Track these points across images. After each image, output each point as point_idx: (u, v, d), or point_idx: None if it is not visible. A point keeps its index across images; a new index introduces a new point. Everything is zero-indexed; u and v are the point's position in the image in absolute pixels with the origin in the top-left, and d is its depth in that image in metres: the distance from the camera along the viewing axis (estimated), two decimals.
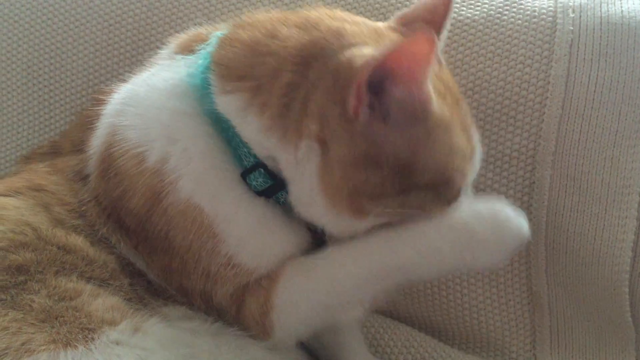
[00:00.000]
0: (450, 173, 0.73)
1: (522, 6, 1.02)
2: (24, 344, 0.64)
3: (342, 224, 0.76)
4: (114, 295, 0.73)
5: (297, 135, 0.72)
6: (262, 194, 0.78)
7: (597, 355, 1.01)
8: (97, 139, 0.82)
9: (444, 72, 0.79)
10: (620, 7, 0.99)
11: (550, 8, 1.01)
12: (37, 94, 1.16)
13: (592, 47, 0.97)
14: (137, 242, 0.79)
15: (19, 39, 1.16)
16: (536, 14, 1.01)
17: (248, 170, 0.76)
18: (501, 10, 1.03)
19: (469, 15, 1.03)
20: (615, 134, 0.95)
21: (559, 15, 1.00)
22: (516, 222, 0.76)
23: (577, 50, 0.97)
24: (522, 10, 1.02)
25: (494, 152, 0.99)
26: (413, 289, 1.04)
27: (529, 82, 0.97)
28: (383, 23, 0.84)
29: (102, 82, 1.12)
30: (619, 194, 0.95)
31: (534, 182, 0.98)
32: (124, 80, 0.86)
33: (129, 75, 0.87)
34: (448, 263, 0.77)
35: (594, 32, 0.97)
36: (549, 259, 1.00)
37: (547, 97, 0.97)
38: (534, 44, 0.99)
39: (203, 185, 0.76)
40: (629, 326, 0.99)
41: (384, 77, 0.67)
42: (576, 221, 0.97)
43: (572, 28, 0.98)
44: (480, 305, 1.02)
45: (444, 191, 0.74)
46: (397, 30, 0.81)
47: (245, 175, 0.77)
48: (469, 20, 1.03)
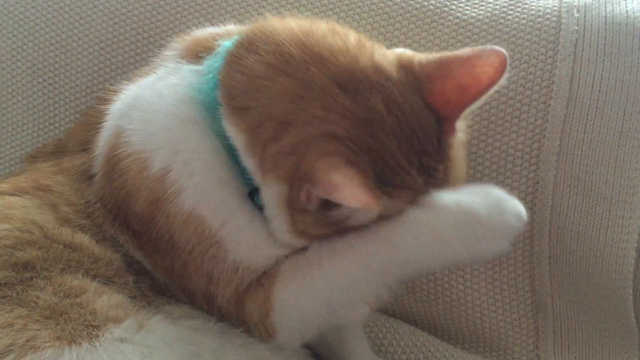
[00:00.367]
0: None
1: (527, 6, 1.02)
2: (28, 340, 0.64)
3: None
4: (118, 293, 0.73)
5: (268, 183, 0.73)
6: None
7: (600, 355, 1.01)
8: (102, 140, 0.82)
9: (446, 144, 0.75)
10: (625, 7, 0.99)
11: (554, 8, 1.01)
12: (42, 93, 1.16)
13: (597, 47, 0.97)
14: (142, 243, 0.80)
15: (24, 37, 1.16)
16: (540, 13, 1.00)
17: (255, 190, 0.76)
18: (505, 9, 1.03)
19: (473, 14, 1.03)
20: (620, 134, 0.95)
21: (563, 15, 0.99)
22: (514, 202, 0.73)
23: (582, 50, 0.97)
24: (526, 10, 1.02)
25: (498, 152, 0.99)
26: (416, 289, 1.04)
27: (533, 81, 0.97)
28: (408, 53, 0.77)
29: (107, 80, 1.13)
30: (624, 194, 0.95)
31: (537, 182, 0.98)
32: (129, 81, 0.86)
33: (133, 74, 0.87)
34: (452, 252, 0.73)
35: (598, 32, 0.97)
36: (553, 259, 0.99)
37: (551, 97, 0.97)
38: (539, 44, 0.99)
39: (206, 199, 0.75)
40: (633, 327, 0.99)
41: (329, 200, 0.69)
42: (580, 221, 0.97)
43: (576, 28, 0.98)
44: (483, 305, 1.02)
45: None
46: (413, 75, 0.74)
47: (253, 195, 0.76)
48: (473, 19, 1.03)
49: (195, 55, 0.82)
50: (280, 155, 0.71)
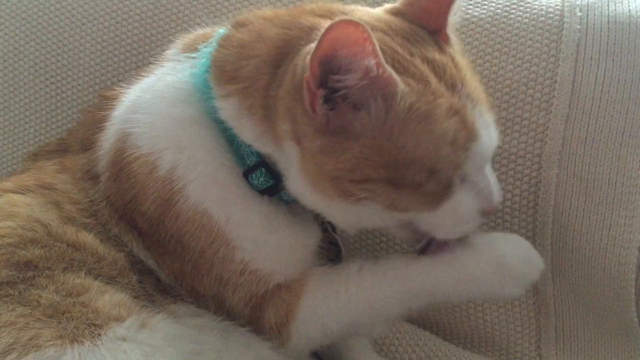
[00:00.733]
0: (434, 164, 0.70)
1: (529, 5, 1.02)
2: (31, 339, 0.64)
3: (340, 209, 0.75)
4: (121, 292, 0.73)
5: (280, 137, 0.73)
6: (264, 193, 0.79)
7: (602, 355, 1.01)
8: (107, 142, 0.82)
9: (444, 53, 0.76)
10: (628, 5, 0.99)
11: (557, 7, 1.00)
12: (44, 92, 1.16)
13: (599, 45, 0.96)
14: (150, 244, 0.80)
15: (26, 36, 1.16)
16: (543, 12, 1.00)
17: (250, 170, 0.77)
18: (508, 9, 1.02)
19: (476, 14, 1.03)
20: (622, 133, 0.95)
21: (566, 14, 0.99)
22: (537, 256, 0.80)
23: (584, 49, 0.97)
24: (529, 9, 1.01)
25: (500, 151, 0.99)
26: None
27: (535, 80, 0.97)
28: (386, 6, 0.82)
29: (109, 79, 1.13)
30: (626, 193, 0.95)
31: (540, 181, 0.98)
32: (131, 81, 0.86)
33: (135, 74, 0.88)
34: (478, 291, 0.79)
35: (601, 31, 0.97)
36: (555, 258, 0.99)
37: (553, 95, 0.96)
38: (541, 43, 0.98)
39: (209, 190, 0.77)
40: (635, 326, 0.99)
41: (330, 72, 0.66)
42: (582, 220, 0.97)
43: (579, 27, 0.98)
44: (485, 305, 1.02)
45: (429, 188, 0.71)
46: (398, 13, 0.79)
47: (247, 174, 0.77)
48: (475, 19, 1.03)
49: (194, 48, 0.84)
50: (284, 88, 0.71)
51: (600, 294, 0.98)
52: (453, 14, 0.79)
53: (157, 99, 0.81)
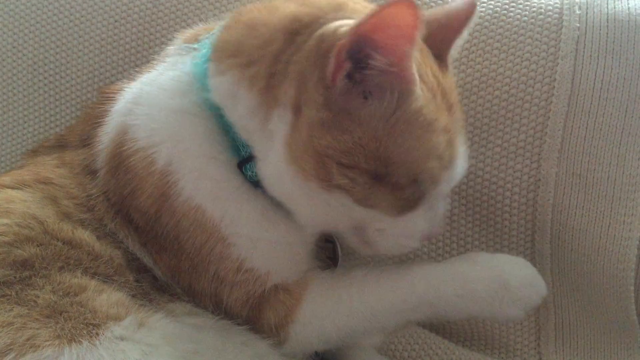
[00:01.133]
0: (417, 174, 0.72)
1: (528, 3, 1.02)
2: (28, 339, 0.64)
3: (308, 195, 0.74)
4: (118, 291, 0.73)
5: (272, 104, 0.72)
6: (259, 185, 0.78)
7: (602, 353, 1.01)
8: (106, 136, 0.82)
9: (446, 77, 0.78)
10: (627, 3, 0.99)
11: (556, 5, 1.00)
12: (43, 90, 1.16)
13: (599, 44, 0.96)
14: (146, 240, 0.80)
15: (24, 34, 1.16)
16: (542, 10, 1.00)
17: (245, 161, 0.77)
18: (507, 7, 1.02)
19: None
20: (622, 131, 0.95)
21: (565, 12, 0.99)
22: (541, 280, 0.81)
23: (584, 47, 0.96)
24: (528, 7, 1.01)
25: (500, 150, 0.99)
26: None
27: (535, 79, 0.97)
28: None
29: (108, 78, 1.13)
30: (625, 191, 0.95)
31: (539, 179, 0.98)
32: (131, 78, 0.86)
33: (136, 71, 0.88)
34: (478, 308, 0.79)
35: (600, 29, 0.97)
36: (554, 256, 0.99)
37: (553, 94, 0.96)
38: (540, 41, 0.98)
39: (202, 185, 0.77)
40: (634, 324, 0.99)
41: (365, 48, 0.66)
42: (582, 218, 0.97)
43: (578, 25, 0.98)
44: None
45: (406, 194, 0.73)
46: None
47: (242, 165, 0.77)
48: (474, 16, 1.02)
49: (196, 39, 0.84)
50: (302, 53, 0.71)
51: (599, 291, 0.98)
52: (455, 47, 0.81)
53: (157, 91, 0.80)
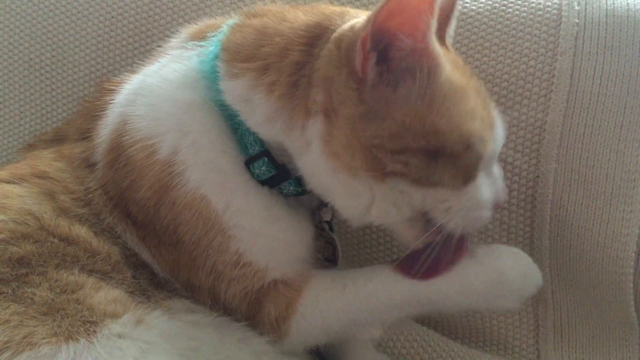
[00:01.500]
0: (468, 137, 0.71)
1: None
2: (25, 337, 0.63)
3: (357, 188, 0.74)
4: (116, 288, 0.73)
5: (304, 114, 0.73)
6: (265, 183, 0.78)
7: (601, 350, 1.01)
8: (106, 128, 0.82)
9: (455, 55, 0.79)
10: None
11: (555, 1, 1.00)
12: (39, 87, 1.16)
13: (598, 40, 0.96)
14: (145, 234, 0.80)
15: (20, 30, 1.16)
16: (541, 6, 1.00)
17: (252, 159, 0.77)
18: (506, 3, 1.02)
19: (474, 8, 1.03)
20: (621, 128, 0.94)
21: (564, 7, 0.99)
22: (537, 271, 0.81)
23: (583, 43, 0.96)
24: (527, 3, 1.01)
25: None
26: None
27: (533, 75, 0.97)
28: None
29: (105, 73, 1.12)
30: (624, 188, 0.95)
31: (538, 175, 0.97)
32: (133, 71, 0.86)
33: (138, 65, 0.87)
34: (476, 302, 0.80)
35: (599, 25, 0.97)
36: (553, 253, 0.99)
37: (552, 90, 0.96)
38: (539, 37, 0.98)
39: (209, 175, 0.76)
40: (633, 321, 0.99)
41: (387, 35, 0.67)
42: (580, 215, 0.97)
43: (577, 21, 0.97)
44: None
45: (464, 161, 0.72)
46: None
47: (250, 163, 0.77)
48: (473, 13, 1.02)
49: (202, 36, 0.84)
50: (322, 59, 0.72)
51: (598, 288, 0.98)
52: (450, 32, 0.83)
53: (161, 83, 0.80)
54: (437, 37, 0.76)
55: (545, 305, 1.01)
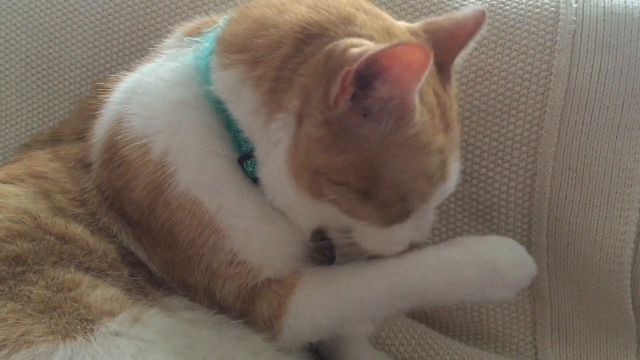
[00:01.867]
0: (406, 193, 0.73)
1: None
2: (22, 335, 0.63)
3: (303, 205, 0.75)
4: (113, 286, 0.73)
5: (276, 108, 0.73)
6: (258, 181, 0.78)
7: (598, 347, 1.01)
8: (101, 127, 0.82)
9: (448, 91, 0.78)
10: None
11: None
12: (36, 84, 1.15)
13: (595, 37, 0.96)
14: (140, 234, 0.79)
15: (17, 28, 1.15)
16: (539, 4, 1.00)
17: (245, 156, 0.76)
18: (504, 0, 1.02)
19: (472, 5, 1.02)
20: (618, 126, 0.95)
21: (561, 5, 0.99)
22: (530, 261, 0.81)
23: (580, 41, 0.96)
24: (524, 1, 1.01)
25: (496, 144, 0.98)
26: None
27: (531, 72, 0.97)
28: (407, 24, 0.82)
29: (101, 71, 1.12)
30: (622, 186, 0.95)
31: (535, 173, 0.97)
32: (129, 69, 0.86)
33: (134, 64, 0.87)
34: (469, 294, 0.80)
35: (597, 23, 0.97)
36: (550, 250, 0.99)
37: (549, 87, 0.96)
38: (537, 35, 0.98)
39: (200, 177, 0.76)
40: (630, 318, 0.99)
41: (373, 73, 0.66)
42: (578, 212, 0.97)
43: (575, 18, 0.97)
44: None
45: (394, 210, 0.74)
46: (418, 35, 0.79)
47: (243, 161, 0.77)
48: None
49: (198, 32, 0.83)
50: (309, 67, 0.71)
51: (595, 285, 0.98)
52: (460, 57, 0.81)
53: (156, 82, 0.80)
54: (441, 65, 0.77)
55: (542, 303, 1.01)
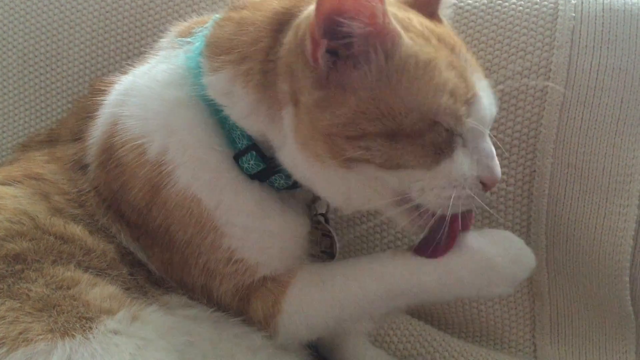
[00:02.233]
0: (432, 114, 0.69)
1: None
2: (21, 333, 0.63)
3: (332, 176, 0.73)
4: (112, 285, 0.73)
5: (279, 103, 0.73)
6: (254, 178, 0.78)
7: (597, 344, 1.01)
8: (97, 129, 0.82)
9: (443, 27, 0.78)
10: None
11: None
12: (33, 83, 1.15)
13: (594, 34, 0.96)
14: (139, 235, 0.79)
15: (14, 26, 1.15)
16: (538, 0, 1.00)
17: (241, 153, 0.77)
18: None
19: (470, 2, 1.02)
20: (617, 122, 0.94)
21: (560, 1, 0.99)
22: (529, 254, 0.79)
23: (579, 37, 0.96)
24: None
25: (495, 141, 0.98)
26: None
27: (530, 69, 0.97)
28: None
29: (99, 70, 1.12)
30: (621, 182, 0.95)
31: (534, 170, 0.97)
32: (123, 72, 0.86)
33: (128, 66, 0.87)
34: (463, 290, 0.79)
35: (596, 19, 0.96)
36: (549, 247, 0.99)
37: (548, 84, 0.96)
38: (536, 31, 0.98)
39: (198, 174, 0.76)
40: (629, 315, 0.99)
41: (335, 21, 0.66)
42: (577, 209, 0.97)
43: (574, 15, 0.97)
44: None
45: (430, 139, 0.69)
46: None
47: (238, 158, 0.77)
48: (470, 7, 1.02)
49: (189, 33, 0.84)
50: (285, 47, 0.71)
51: (594, 282, 0.98)
52: (444, 3, 0.81)
53: (150, 83, 0.80)
54: (431, 15, 0.77)
55: (541, 300, 1.01)
